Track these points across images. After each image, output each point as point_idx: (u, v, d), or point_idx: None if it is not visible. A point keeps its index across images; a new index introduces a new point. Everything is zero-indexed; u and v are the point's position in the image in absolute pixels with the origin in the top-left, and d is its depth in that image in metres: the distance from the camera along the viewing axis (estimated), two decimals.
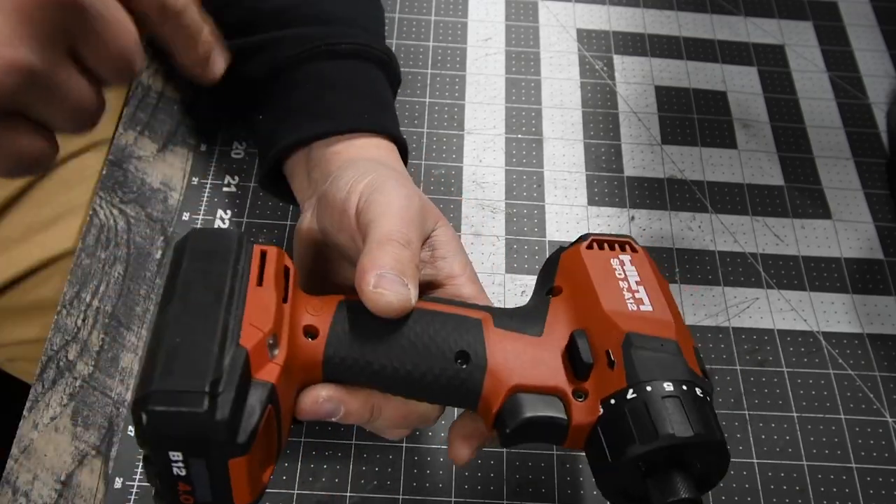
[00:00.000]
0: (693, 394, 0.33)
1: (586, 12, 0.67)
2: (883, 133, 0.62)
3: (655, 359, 0.34)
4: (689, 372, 0.34)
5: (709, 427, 0.33)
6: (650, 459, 0.33)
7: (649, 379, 0.34)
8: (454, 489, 0.46)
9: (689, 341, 0.36)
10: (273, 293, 0.34)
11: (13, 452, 0.46)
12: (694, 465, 0.34)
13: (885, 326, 0.53)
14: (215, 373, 0.30)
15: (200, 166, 0.56)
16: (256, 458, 0.32)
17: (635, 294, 0.37)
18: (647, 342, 0.35)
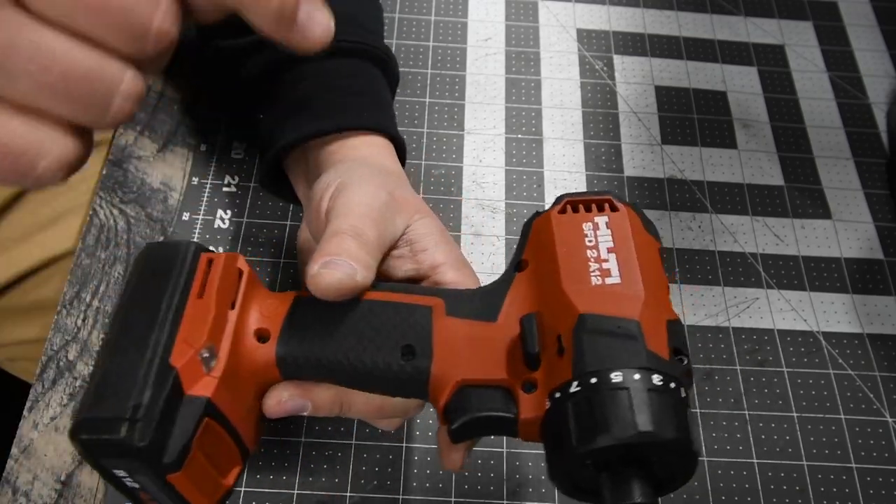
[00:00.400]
0: (648, 383, 0.29)
1: (586, 12, 0.67)
2: (883, 133, 0.62)
3: (608, 344, 0.30)
4: (650, 357, 0.30)
5: (662, 424, 0.29)
6: (597, 459, 0.30)
7: (596, 369, 0.30)
8: (454, 489, 0.46)
9: (662, 314, 0.32)
10: (212, 304, 0.34)
11: (13, 452, 0.46)
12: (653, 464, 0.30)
13: (885, 326, 0.53)
14: (137, 398, 0.31)
15: (200, 166, 0.56)
16: (200, 470, 0.33)
17: (603, 264, 0.32)
18: (602, 324, 0.31)
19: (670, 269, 0.54)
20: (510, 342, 0.33)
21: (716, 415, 0.49)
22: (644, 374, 0.29)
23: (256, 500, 0.45)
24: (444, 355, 0.34)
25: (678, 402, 0.30)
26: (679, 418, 0.29)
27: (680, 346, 0.31)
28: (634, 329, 0.31)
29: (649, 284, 0.32)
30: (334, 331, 0.35)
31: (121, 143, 0.57)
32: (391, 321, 0.35)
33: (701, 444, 0.30)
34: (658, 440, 0.29)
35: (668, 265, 0.54)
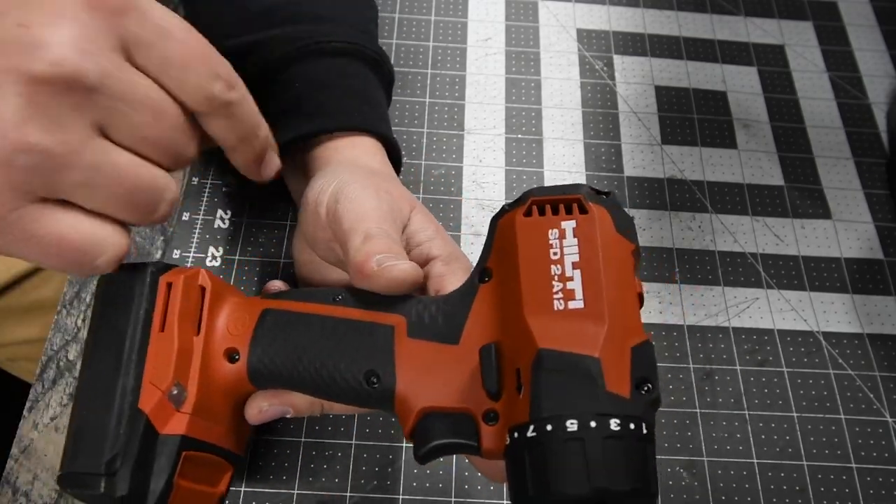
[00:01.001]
0: (605, 431, 0.28)
1: (586, 12, 0.67)
2: (883, 133, 0.62)
3: (565, 386, 0.29)
4: (608, 399, 0.29)
5: (617, 476, 0.28)
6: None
7: (551, 414, 0.29)
8: (454, 489, 0.46)
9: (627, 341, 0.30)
10: (174, 337, 0.34)
11: (13, 452, 0.46)
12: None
13: (885, 326, 0.53)
14: (110, 450, 0.32)
15: (200, 166, 0.56)
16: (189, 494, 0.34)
17: (567, 284, 0.31)
18: (560, 362, 0.30)
19: (670, 269, 0.54)
20: (471, 369, 0.33)
21: (716, 415, 0.49)
22: (601, 421, 0.29)
23: (256, 500, 0.45)
24: (408, 381, 0.34)
25: (636, 446, 0.29)
26: (636, 465, 0.29)
27: (646, 374, 0.30)
28: (594, 369, 0.30)
29: (615, 306, 0.31)
30: (301, 349, 0.36)
31: None
32: (354, 343, 0.35)
33: (657, 484, 0.30)
34: (613, 493, 0.28)
35: (667, 265, 0.54)
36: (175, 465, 0.33)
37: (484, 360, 0.32)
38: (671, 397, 0.49)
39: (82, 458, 0.32)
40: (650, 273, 0.54)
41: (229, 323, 0.37)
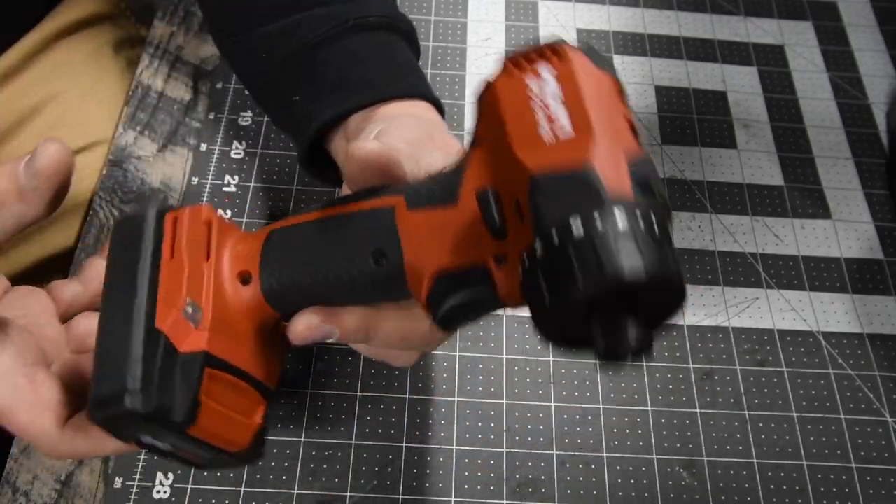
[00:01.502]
0: (612, 224, 0.27)
1: (586, 12, 0.67)
2: (883, 133, 0.62)
3: (564, 196, 0.29)
4: (609, 196, 0.28)
5: (632, 263, 0.27)
6: (577, 313, 0.28)
7: (555, 224, 0.28)
8: (454, 489, 0.46)
9: (621, 153, 0.30)
10: (184, 261, 0.35)
11: (13, 452, 0.46)
12: (638, 302, 0.28)
13: (885, 326, 0.53)
14: (133, 369, 0.32)
15: (200, 166, 0.56)
16: (220, 418, 0.34)
17: (552, 119, 0.30)
18: (556, 179, 0.29)
19: None
20: (474, 221, 0.32)
21: (716, 415, 0.49)
22: (605, 215, 0.28)
23: (256, 500, 0.45)
24: (414, 251, 0.34)
25: (648, 239, 0.28)
26: (651, 255, 0.27)
27: (647, 180, 0.29)
28: (591, 175, 0.29)
29: (605, 125, 0.30)
30: (308, 253, 0.36)
31: (121, 143, 0.57)
32: (358, 230, 0.35)
33: (682, 280, 0.29)
34: (629, 283, 0.27)
35: None
36: (199, 381, 0.33)
37: (482, 203, 0.32)
38: (671, 397, 0.49)
39: (105, 383, 0.32)
40: None
41: (238, 250, 0.37)
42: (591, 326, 0.28)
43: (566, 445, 0.47)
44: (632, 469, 0.47)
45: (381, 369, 0.49)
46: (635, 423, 0.48)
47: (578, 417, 0.48)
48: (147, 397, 0.31)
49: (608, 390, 0.49)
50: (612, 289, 0.27)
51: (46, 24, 0.62)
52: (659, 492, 0.46)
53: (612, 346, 0.28)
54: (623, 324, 0.28)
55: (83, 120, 0.61)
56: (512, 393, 0.49)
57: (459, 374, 0.49)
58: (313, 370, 0.49)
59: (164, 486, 0.45)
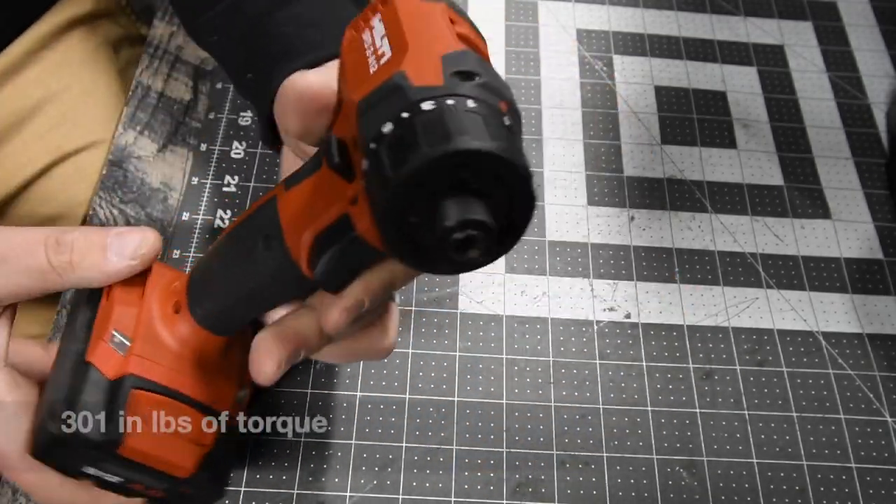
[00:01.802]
0: (420, 114, 0.27)
1: (586, 12, 0.67)
2: (883, 133, 0.62)
3: (376, 110, 0.28)
4: (413, 93, 0.27)
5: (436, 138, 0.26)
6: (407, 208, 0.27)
7: (371, 137, 0.27)
8: (454, 489, 0.46)
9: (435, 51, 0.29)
10: (114, 301, 0.37)
11: None
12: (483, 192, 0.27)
13: (885, 326, 0.53)
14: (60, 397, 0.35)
15: (200, 166, 0.56)
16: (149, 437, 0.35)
17: (378, 51, 0.31)
18: (371, 98, 0.29)
19: (670, 269, 0.54)
20: (329, 175, 0.32)
21: (716, 415, 0.49)
22: (414, 108, 0.27)
23: (256, 500, 0.45)
24: (292, 227, 0.34)
25: (466, 112, 0.27)
26: (471, 126, 0.26)
27: (462, 68, 0.28)
28: (398, 79, 0.28)
29: (421, 38, 0.30)
30: (219, 268, 0.37)
31: (121, 143, 0.57)
32: (250, 229, 0.36)
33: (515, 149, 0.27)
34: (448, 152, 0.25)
35: (667, 265, 0.54)
36: (123, 402, 0.35)
37: (321, 145, 0.32)
38: (671, 397, 0.49)
39: (37, 417, 0.36)
40: (650, 273, 0.54)
41: (176, 284, 0.39)
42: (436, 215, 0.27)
43: (566, 445, 0.47)
44: (632, 469, 0.47)
45: (381, 369, 0.49)
46: (635, 423, 0.48)
47: (578, 417, 0.48)
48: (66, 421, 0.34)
49: (608, 390, 0.49)
50: (422, 168, 0.26)
51: (45, 22, 0.62)
52: (659, 492, 0.46)
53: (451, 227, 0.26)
54: (464, 202, 0.26)
55: (83, 120, 0.61)
56: (512, 393, 0.49)
57: (459, 374, 0.49)
58: (313, 370, 0.49)
59: None
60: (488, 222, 0.26)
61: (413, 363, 0.49)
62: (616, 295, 0.53)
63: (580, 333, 0.51)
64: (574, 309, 0.52)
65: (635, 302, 0.53)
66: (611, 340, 0.51)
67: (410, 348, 0.50)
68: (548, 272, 0.53)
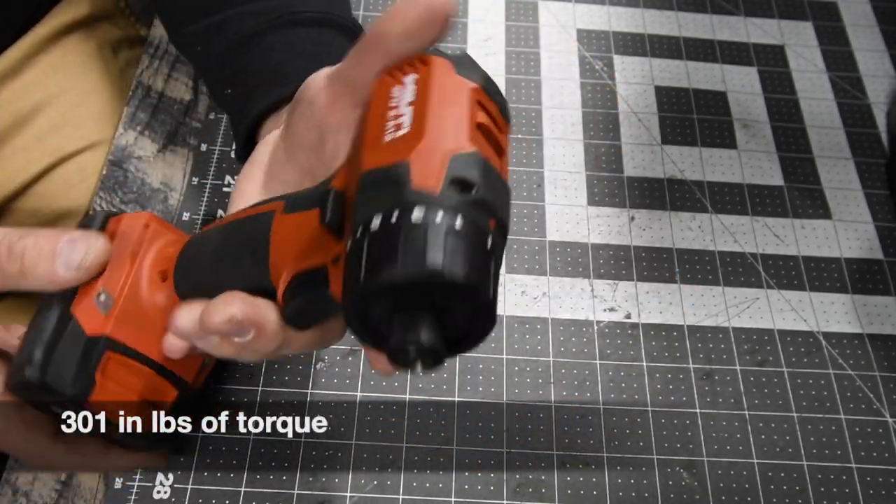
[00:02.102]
0: (407, 221, 0.27)
1: (586, 12, 0.67)
2: (883, 133, 0.62)
3: (376, 194, 0.28)
4: (411, 194, 0.28)
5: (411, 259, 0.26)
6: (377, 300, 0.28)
7: (362, 221, 0.28)
8: (454, 489, 0.46)
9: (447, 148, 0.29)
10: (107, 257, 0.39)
11: None
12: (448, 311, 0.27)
13: (885, 326, 0.53)
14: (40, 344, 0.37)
15: (200, 166, 0.56)
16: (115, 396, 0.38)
17: (398, 119, 0.31)
18: (375, 177, 0.29)
19: (670, 269, 0.54)
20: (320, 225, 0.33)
21: (716, 415, 0.49)
22: (402, 214, 0.27)
23: (256, 500, 0.45)
24: (279, 252, 0.35)
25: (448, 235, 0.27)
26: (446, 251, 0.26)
27: (464, 176, 0.28)
28: (401, 171, 0.28)
29: (439, 123, 0.30)
30: (207, 255, 0.38)
31: (121, 143, 0.57)
32: (243, 232, 0.37)
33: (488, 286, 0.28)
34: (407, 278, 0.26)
35: (667, 265, 0.54)
36: (97, 361, 0.37)
37: (322, 200, 0.32)
38: (671, 397, 0.49)
39: (18, 358, 0.37)
40: (650, 273, 0.54)
41: (168, 250, 0.40)
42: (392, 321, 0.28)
43: (566, 445, 0.47)
44: (632, 469, 0.47)
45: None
46: (635, 423, 0.48)
47: (578, 417, 0.48)
48: (43, 369, 0.36)
49: (608, 390, 0.49)
50: (391, 284, 0.26)
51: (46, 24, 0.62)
52: (659, 492, 0.46)
53: (401, 343, 0.27)
54: (416, 322, 0.27)
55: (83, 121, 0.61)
56: (512, 393, 0.49)
57: (459, 374, 0.49)
58: (313, 370, 0.49)
59: (165, 487, 0.45)
60: (432, 347, 0.27)
61: None
62: (616, 295, 0.53)
63: (580, 333, 0.51)
64: (574, 309, 0.52)
65: (635, 302, 0.53)
66: (611, 340, 0.51)
67: None
68: (548, 272, 0.53)
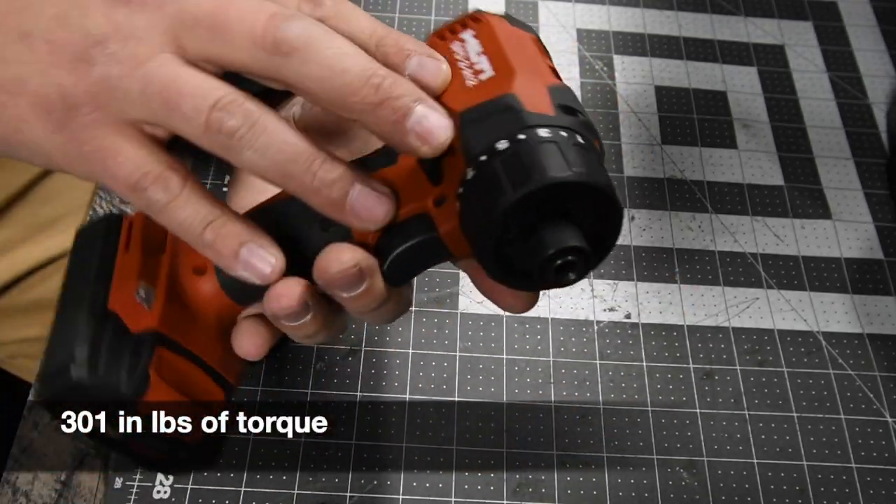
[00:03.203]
0: (536, 138, 0.29)
1: (586, 12, 0.67)
2: (883, 133, 0.62)
3: (487, 125, 0.30)
4: (531, 116, 0.30)
5: (553, 167, 0.28)
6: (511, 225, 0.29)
7: (483, 148, 0.29)
8: (454, 489, 0.46)
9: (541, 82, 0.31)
10: (137, 252, 0.36)
11: (13, 452, 0.46)
12: (577, 217, 0.29)
13: (885, 326, 0.53)
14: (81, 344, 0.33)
15: (200, 166, 0.56)
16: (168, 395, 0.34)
17: (475, 67, 0.32)
18: (480, 112, 0.31)
19: (670, 269, 0.54)
20: (411, 173, 0.33)
21: (716, 415, 0.49)
22: (529, 133, 0.29)
23: (256, 500, 0.45)
24: None
25: (571, 144, 0.29)
26: (575, 157, 0.29)
27: (568, 103, 0.31)
28: (511, 100, 0.30)
29: (523, 64, 0.32)
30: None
31: None
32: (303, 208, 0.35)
33: (610, 183, 0.29)
34: (556, 182, 0.28)
35: (667, 265, 0.55)
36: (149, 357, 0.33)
37: None
38: (671, 397, 0.49)
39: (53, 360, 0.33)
40: (650, 273, 0.54)
41: None
42: (531, 240, 0.29)
43: (566, 445, 0.47)
44: (632, 469, 0.47)
45: (381, 369, 0.49)
46: (635, 423, 0.48)
47: (578, 417, 0.48)
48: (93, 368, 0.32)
49: (608, 390, 0.49)
50: (539, 191, 0.28)
51: None
52: (659, 492, 0.46)
53: (556, 246, 0.28)
54: (563, 227, 0.29)
55: None
56: (512, 393, 0.49)
57: (459, 374, 0.49)
58: (313, 370, 0.49)
59: (165, 486, 0.45)
60: (584, 248, 0.29)
61: (413, 363, 0.49)
62: (616, 295, 0.53)
63: (580, 333, 0.51)
64: (574, 309, 0.52)
65: (635, 302, 0.53)
66: (611, 340, 0.51)
67: (410, 348, 0.50)
68: None
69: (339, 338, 0.50)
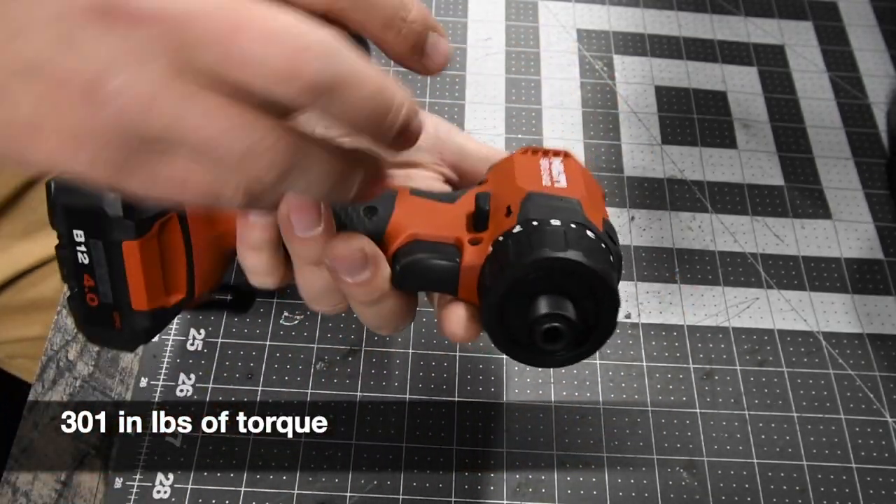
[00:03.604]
0: (582, 232, 0.33)
1: (586, 12, 0.67)
2: (883, 133, 0.62)
3: (550, 206, 0.34)
4: (584, 218, 0.34)
5: (590, 257, 0.32)
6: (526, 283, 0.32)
7: (536, 217, 0.33)
8: (454, 489, 0.46)
9: (599, 209, 0.36)
10: None
11: (13, 452, 0.46)
12: (580, 299, 0.32)
13: (885, 326, 0.53)
14: None
15: None
16: (151, 261, 0.35)
17: (553, 177, 0.37)
18: (547, 199, 0.35)
19: (670, 269, 0.54)
20: (463, 213, 0.37)
21: (716, 415, 0.49)
22: (579, 227, 0.33)
23: (256, 500, 0.45)
24: (402, 215, 0.37)
25: (607, 256, 0.33)
26: (606, 261, 0.33)
27: (612, 234, 0.35)
28: (575, 203, 0.35)
29: (592, 195, 0.37)
30: None
31: None
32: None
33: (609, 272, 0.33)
34: (585, 268, 0.31)
35: (667, 265, 0.54)
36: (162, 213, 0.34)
37: (479, 196, 0.36)
38: (671, 397, 0.49)
39: None
40: (650, 273, 0.54)
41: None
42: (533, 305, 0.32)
43: (566, 445, 0.47)
44: (632, 469, 0.47)
45: (381, 369, 0.49)
46: (635, 423, 0.48)
47: (578, 417, 0.48)
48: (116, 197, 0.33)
49: (608, 390, 0.49)
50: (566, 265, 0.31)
51: None
52: (659, 492, 0.46)
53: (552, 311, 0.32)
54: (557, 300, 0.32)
55: None
56: (512, 393, 0.49)
57: (459, 374, 0.49)
58: (313, 370, 0.49)
59: (165, 486, 0.45)
60: (572, 318, 0.32)
61: (413, 363, 0.49)
62: None
63: None
64: None
65: (635, 302, 0.53)
66: (611, 340, 0.51)
67: (410, 348, 0.50)
68: None
69: (339, 338, 0.50)
